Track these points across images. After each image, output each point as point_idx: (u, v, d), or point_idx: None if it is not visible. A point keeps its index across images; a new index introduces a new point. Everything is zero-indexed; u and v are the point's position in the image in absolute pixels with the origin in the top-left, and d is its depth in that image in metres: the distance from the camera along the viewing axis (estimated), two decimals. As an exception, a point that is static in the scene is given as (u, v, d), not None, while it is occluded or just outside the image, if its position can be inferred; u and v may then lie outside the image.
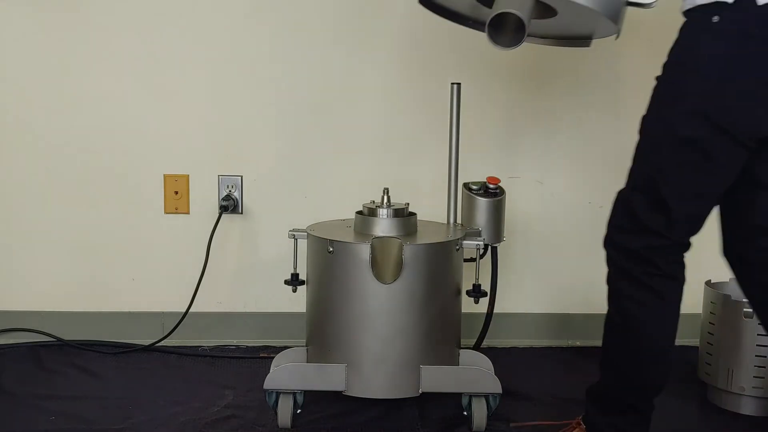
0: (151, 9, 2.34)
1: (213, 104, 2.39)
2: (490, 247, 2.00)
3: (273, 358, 1.96)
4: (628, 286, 1.56)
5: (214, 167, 2.42)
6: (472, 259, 1.95)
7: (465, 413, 1.88)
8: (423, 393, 1.82)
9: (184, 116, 2.39)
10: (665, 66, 1.51)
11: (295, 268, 1.95)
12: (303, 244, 1.93)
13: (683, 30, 1.47)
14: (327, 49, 2.37)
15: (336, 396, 1.86)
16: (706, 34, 1.40)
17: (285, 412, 1.84)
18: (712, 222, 2.49)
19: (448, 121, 2.03)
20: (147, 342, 2.40)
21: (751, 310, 1.94)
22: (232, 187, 2.42)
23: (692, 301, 2.43)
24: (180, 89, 2.38)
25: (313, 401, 1.94)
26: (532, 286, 2.46)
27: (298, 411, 1.88)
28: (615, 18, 1.45)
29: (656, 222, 1.51)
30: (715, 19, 1.37)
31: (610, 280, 1.61)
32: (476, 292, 1.92)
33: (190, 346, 2.41)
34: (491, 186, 1.98)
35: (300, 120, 2.41)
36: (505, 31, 1.40)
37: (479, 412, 1.83)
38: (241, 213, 2.44)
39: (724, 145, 1.43)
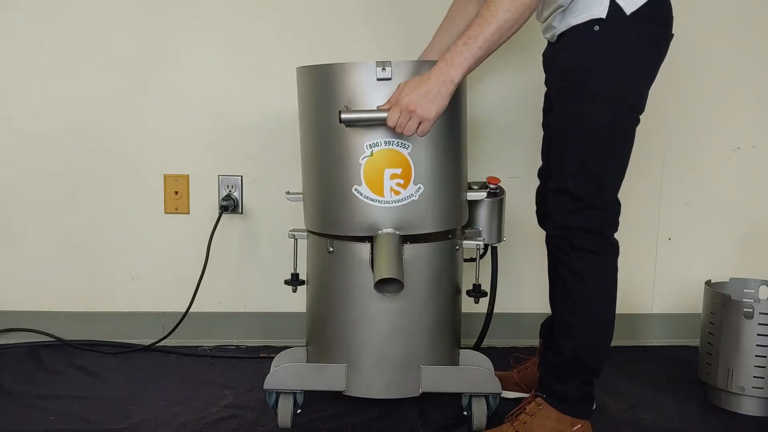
0: (151, 7, 2.34)
1: (213, 104, 2.39)
2: (490, 247, 2.00)
3: (273, 358, 1.96)
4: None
5: (214, 167, 2.42)
6: (472, 259, 1.95)
7: (465, 413, 1.88)
8: (423, 393, 1.82)
9: (184, 116, 2.39)
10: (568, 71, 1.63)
11: (295, 268, 1.95)
12: (303, 244, 1.93)
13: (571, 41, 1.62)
14: (329, 49, 2.36)
15: (336, 396, 1.86)
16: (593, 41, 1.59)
17: (285, 412, 1.84)
18: (712, 222, 2.49)
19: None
20: (147, 342, 2.40)
21: (751, 310, 1.95)
22: (232, 187, 2.42)
23: (692, 301, 2.44)
24: (180, 89, 2.38)
25: (313, 401, 1.94)
26: (532, 286, 2.46)
27: (298, 411, 1.88)
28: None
29: None
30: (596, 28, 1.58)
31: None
32: (476, 292, 1.91)
33: (190, 346, 2.41)
34: (491, 186, 1.97)
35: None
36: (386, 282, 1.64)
37: (479, 412, 1.83)
38: (241, 213, 2.44)
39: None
